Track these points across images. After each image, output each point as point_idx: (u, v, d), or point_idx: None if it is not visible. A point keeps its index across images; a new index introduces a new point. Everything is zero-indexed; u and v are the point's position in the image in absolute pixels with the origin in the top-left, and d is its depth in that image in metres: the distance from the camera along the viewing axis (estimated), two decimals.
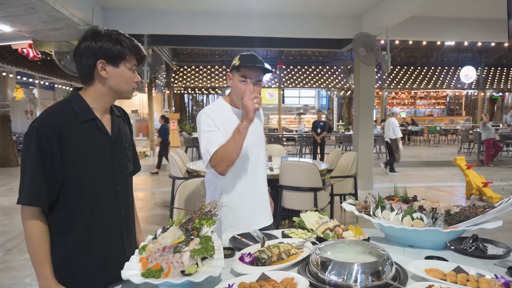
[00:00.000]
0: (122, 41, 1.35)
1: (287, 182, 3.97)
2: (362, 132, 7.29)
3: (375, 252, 1.35)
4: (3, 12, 4.93)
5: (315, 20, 7.13)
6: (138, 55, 1.41)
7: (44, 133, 1.25)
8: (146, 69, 7.46)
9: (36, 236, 1.28)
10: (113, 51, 1.33)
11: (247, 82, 1.82)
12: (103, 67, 1.34)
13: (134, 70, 1.41)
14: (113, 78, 1.36)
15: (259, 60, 1.84)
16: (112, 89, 1.38)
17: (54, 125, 1.27)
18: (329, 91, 21.23)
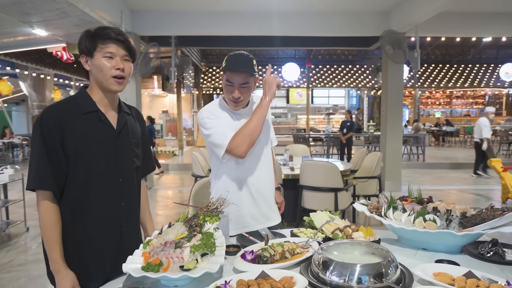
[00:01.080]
0: (93, 31, 1.38)
1: (307, 182, 3.92)
2: (390, 132, 7.08)
3: (379, 254, 1.30)
4: (38, 17, 5.19)
5: (342, 18, 7.01)
6: (113, 40, 1.37)
7: (46, 124, 1.33)
8: (173, 70, 7.61)
9: (48, 219, 1.35)
10: (85, 43, 1.38)
11: (234, 86, 1.76)
12: (85, 61, 1.40)
13: (111, 57, 1.38)
14: (93, 69, 1.40)
15: (242, 63, 1.74)
16: (97, 81, 1.41)
17: (55, 116, 1.35)
18: (359, 91, 20.80)
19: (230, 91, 1.78)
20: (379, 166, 4.71)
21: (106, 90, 1.44)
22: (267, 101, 1.76)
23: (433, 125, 18.32)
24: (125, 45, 1.41)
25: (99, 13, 5.51)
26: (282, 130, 20.36)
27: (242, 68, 1.73)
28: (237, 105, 1.83)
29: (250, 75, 1.76)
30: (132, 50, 1.45)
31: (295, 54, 18.28)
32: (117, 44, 1.39)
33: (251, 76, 1.77)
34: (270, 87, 1.75)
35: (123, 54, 1.41)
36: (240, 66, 1.73)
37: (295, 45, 10.02)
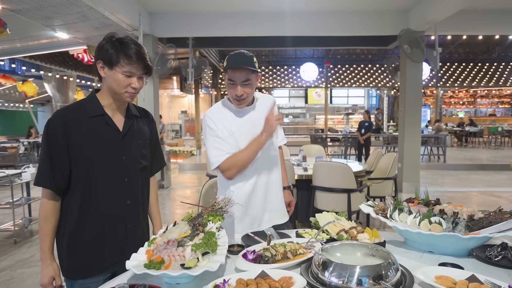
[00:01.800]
0: (119, 47, 1.41)
1: (320, 182, 3.90)
2: (409, 133, 6.95)
3: (379, 255, 1.29)
4: (60, 20, 5.37)
5: (359, 17, 6.93)
6: (135, 64, 1.44)
7: (53, 127, 1.41)
8: (190, 70, 7.70)
9: (43, 213, 1.45)
10: (108, 54, 1.41)
11: (236, 84, 1.79)
12: (102, 67, 1.44)
13: (130, 76, 1.45)
14: (108, 79, 1.45)
15: (242, 60, 1.76)
16: (109, 89, 1.47)
17: (62, 120, 1.42)
18: (378, 90, 20.48)
19: (232, 89, 1.81)
20: (394, 167, 4.63)
21: (117, 99, 1.51)
22: (263, 139, 1.80)
23: (456, 125, 17.84)
24: (144, 65, 1.47)
25: (118, 16, 5.64)
26: (300, 130, 20.28)
27: (242, 65, 1.75)
28: (241, 102, 1.86)
29: (251, 72, 1.78)
30: (150, 69, 1.50)
31: (313, 54, 18.17)
32: (138, 64, 1.44)
33: (252, 73, 1.79)
34: (270, 127, 1.79)
35: (141, 73, 1.47)
36: (240, 63, 1.75)
37: (312, 45, 9.97)
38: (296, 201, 4.28)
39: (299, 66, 17.05)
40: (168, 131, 17.79)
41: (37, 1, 4.50)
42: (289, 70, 18.48)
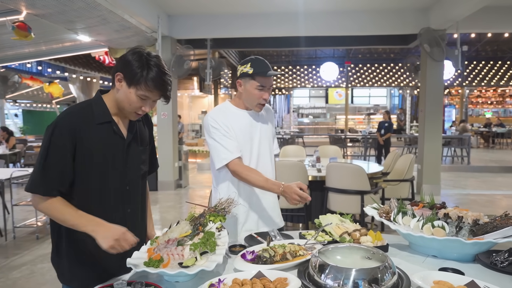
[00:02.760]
0: (148, 70, 1.33)
1: (333, 184, 3.87)
2: (429, 134, 6.79)
3: (376, 258, 1.28)
4: (81, 24, 5.54)
5: (379, 15, 6.83)
6: (156, 92, 1.38)
7: (60, 131, 1.33)
8: (208, 71, 7.79)
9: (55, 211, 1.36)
10: (131, 72, 1.33)
11: (265, 89, 1.88)
12: (120, 79, 1.37)
13: (145, 99, 1.39)
14: (121, 94, 1.39)
15: (270, 67, 1.87)
16: (118, 102, 1.42)
17: (70, 125, 1.34)
18: (401, 90, 20.05)
19: (260, 95, 1.87)
20: (411, 169, 4.54)
21: (122, 112, 1.46)
22: (276, 191, 1.83)
23: (482, 125, 17.24)
24: (163, 94, 1.41)
25: (137, 19, 5.78)
26: (320, 131, 20.14)
27: (273, 72, 1.86)
28: (263, 106, 1.96)
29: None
30: (167, 98, 1.43)
31: (334, 53, 17.98)
32: (157, 92, 1.39)
33: None
34: (289, 198, 1.82)
35: (156, 99, 1.42)
36: (271, 70, 1.86)
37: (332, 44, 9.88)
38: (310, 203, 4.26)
39: (319, 66, 16.90)
40: (188, 131, 18.02)
41: (60, 6, 4.66)
42: (309, 70, 18.36)
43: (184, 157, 7.78)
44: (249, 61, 1.86)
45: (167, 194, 7.01)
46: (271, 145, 2.09)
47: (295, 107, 22.77)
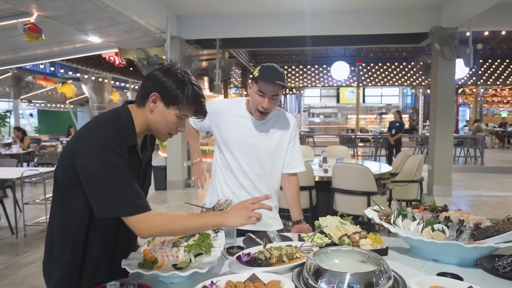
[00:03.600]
0: (186, 89, 1.30)
1: (339, 184, 3.83)
2: (440, 134, 6.67)
3: (372, 262, 1.26)
4: (91, 25, 5.61)
5: (389, 14, 6.74)
6: (196, 109, 1.35)
7: (110, 147, 1.22)
8: (217, 71, 7.81)
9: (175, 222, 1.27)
10: (170, 92, 1.28)
11: (265, 96, 1.79)
12: (155, 100, 1.30)
13: (182, 119, 1.35)
14: (157, 115, 1.31)
15: (277, 75, 1.77)
16: (151, 124, 1.34)
17: (118, 141, 1.25)
18: (414, 89, 19.77)
19: (259, 101, 1.80)
20: (420, 169, 4.47)
21: (151, 133, 1.40)
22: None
23: (497, 125, 16.88)
24: (200, 109, 1.36)
25: (146, 20, 5.82)
26: (331, 130, 20.01)
27: (278, 79, 1.75)
28: (263, 116, 1.86)
29: (281, 88, 1.80)
30: (205, 113, 1.39)
31: (345, 52, 17.85)
32: (195, 107, 1.35)
33: (282, 88, 1.80)
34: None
35: (191, 116, 1.38)
36: (276, 77, 1.76)
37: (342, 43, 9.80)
38: (316, 203, 4.23)
39: (330, 65, 16.80)
40: None
41: (69, 8, 4.73)
42: (320, 69, 18.25)
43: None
44: (261, 65, 1.82)
45: (176, 194, 7.05)
46: (278, 160, 1.99)
47: (306, 106, 22.67)
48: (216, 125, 1.97)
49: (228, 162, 1.98)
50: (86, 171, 1.19)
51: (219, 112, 1.96)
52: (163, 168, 7.33)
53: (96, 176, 1.18)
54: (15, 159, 5.80)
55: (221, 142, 1.98)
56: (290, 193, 2.04)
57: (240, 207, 1.31)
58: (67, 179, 1.25)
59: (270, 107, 1.82)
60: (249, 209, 1.29)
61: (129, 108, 1.34)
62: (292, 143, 2.02)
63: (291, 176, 2.05)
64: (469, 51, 5.77)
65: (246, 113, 1.94)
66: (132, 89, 14.55)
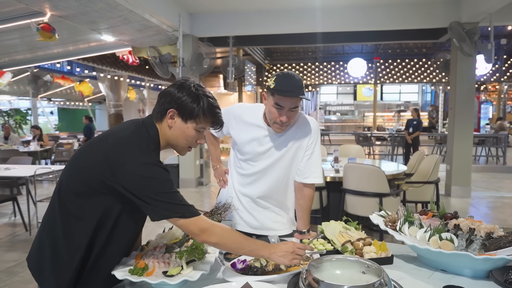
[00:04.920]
0: (201, 102, 1.32)
1: (350, 185, 3.73)
2: (459, 132, 6.44)
3: (372, 273, 1.19)
4: (104, 24, 5.65)
5: (407, 9, 6.53)
6: (213, 120, 1.37)
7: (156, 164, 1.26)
8: (231, 69, 7.77)
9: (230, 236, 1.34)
10: (187, 106, 1.31)
11: (283, 109, 1.65)
12: (172, 116, 1.32)
13: (200, 132, 1.37)
14: (176, 130, 1.34)
15: (295, 86, 1.62)
16: (171, 139, 1.36)
17: None
18: (433, 86, 19.27)
19: (277, 115, 1.67)
20: (436, 170, 4.31)
21: (171, 147, 1.41)
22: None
23: None
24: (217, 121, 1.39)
25: (158, 18, 5.82)
26: (348, 128, 19.72)
27: (296, 92, 1.62)
28: (283, 128, 1.74)
29: (300, 99, 1.66)
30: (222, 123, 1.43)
31: (362, 49, 17.51)
32: (211, 119, 1.36)
33: (301, 99, 1.66)
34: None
35: (208, 128, 1.40)
36: (294, 90, 1.62)
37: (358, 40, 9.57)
38: (327, 204, 4.14)
39: (347, 62, 16.52)
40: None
41: (82, 7, 4.76)
42: (336, 66, 17.97)
43: (206, 155, 7.81)
44: (277, 74, 1.67)
45: (188, 192, 7.06)
46: (294, 169, 1.87)
47: (322, 104, 22.41)
48: (233, 129, 1.89)
49: (242, 167, 1.91)
50: (135, 178, 1.20)
51: (236, 117, 1.87)
52: (176, 166, 7.35)
53: (149, 182, 1.21)
54: (30, 157, 5.90)
55: (236, 147, 1.91)
56: (300, 205, 1.90)
57: (288, 250, 1.37)
58: (84, 186, 1.24)
59: (289, 121, 1.69)
60: (295, 253, 1.37)
61: (155, 124, 1.35)
62: (310, 151, 1.85)
63: (305, 188, 1.87)
64: (490, 47, 5.54)
65: (262, 122, 1.81)
66: (148, 87, 14.69)
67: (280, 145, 1.82)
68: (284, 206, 1.95)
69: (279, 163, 1.84)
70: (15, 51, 7.29)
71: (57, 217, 1.28)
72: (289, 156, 1.84)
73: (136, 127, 1.33)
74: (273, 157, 1.83)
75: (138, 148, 1.24)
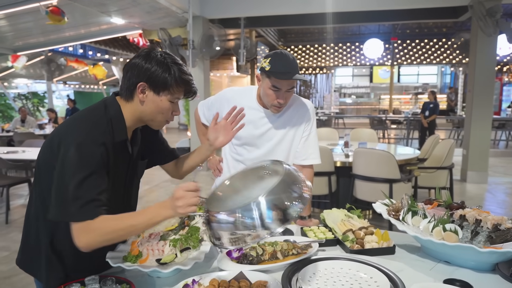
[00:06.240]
0: (172, 70, 1.22)
1: (360, 171, 3.65)
2: (477, 116, 6.23)
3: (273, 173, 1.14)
4: (113, 6, 5.61)
5: None
6: (186, 89, 1.28)
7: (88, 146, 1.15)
8: (242, 51, 7.66)
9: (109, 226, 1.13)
10: (158, 78, 1.21)
11: (280, 91, 1.64)
12: (143, 90, 1.22)
13: (176, 102, 1.29)
14: (149, 104, 1.24)
15: (292, 67, 1.60)
16: (145, 115, 1.27)
17: (99, 140, 1.17)
18: (453, 67, 18.65)
19: (274, 97, 1.65)
20: (451, 155, 4.18)
21: (145, 123, 1.33)
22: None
23: None
24: (190, 90, 1.30)
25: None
26: (363, 111, 19.38)
27: (293, 73, 1.59)
28: (280, 109, 1.73)
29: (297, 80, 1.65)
30: (195, 92, 1.33)
31: (379, 29, 16.98)
32: (185, 88, 1.27)
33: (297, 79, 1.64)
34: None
35: (182, 97, 1.31)
36: (291, 72, 1.59)
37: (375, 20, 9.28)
38: (337, 189, 4.09)
39: (363, 43, 16.08)
40: None
41: None
42: (352, 47, 17.55)
43: None
44: (271, 55, 1.64)
45: (200, 176, 7.10)
46: (293, 152, 1.85)
47: (337, 86, 22.02)
48: None
49: (238, 152, 1.88)
50: (58, 166, 1.12)
51: (229, 101, 1.81)
52: (187, 150, 7.38)
53: (58, 176, 1.12)
54: None
55: None
56: None
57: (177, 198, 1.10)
58: (47, 165, 1.20)
59: (286, 101, 1.69)
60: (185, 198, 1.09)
61: (117, 101, 1.26)
62: (308, 132, 1.85)
63: (304, 169, 1.86)
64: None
65: (256, 104, 1.79)
66: None
67: (277, 127, 1.80)
68: None
69: (278, 147, 1.81)
70: (28, 35, 7.34)
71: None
72: (287, 134, 1.81)
73: (97, 108, 1.25)
74: (271, 141, 1.80)
75: (73, 138, 1.13)
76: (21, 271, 1.36)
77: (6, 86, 13.59)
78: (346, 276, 1.23)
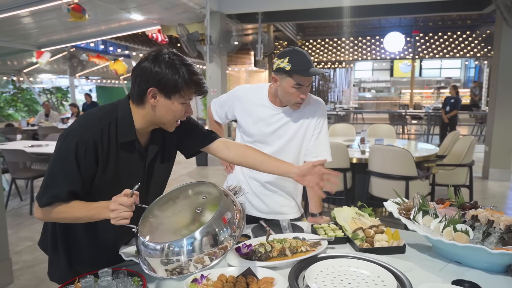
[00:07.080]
0: (181, 72, 1.21)
1: (376, 168, 3.62)
2: (500, 111, 6.03)
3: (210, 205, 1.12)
4: (133, 3, 5.70)
5: None
6: (197, 89, 1.27)
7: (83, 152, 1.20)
8: (259, 46, 7.66)
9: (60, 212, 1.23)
10: (168, 81, 1.20)
11: (303, 87, 1.67)
12: (154, 95, 1.22)
13: (186, 103, 1.28)
14: (161, 109, 1.25)
15: (311, 62, 1.64)
16: (157, 118, 1.28)
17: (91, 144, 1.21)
18: (477, 61, 18.07)
19: (297, 94, 1.68)
20: (471, 152, 4.08)
21: (157, 126, 1.33)
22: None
23: None
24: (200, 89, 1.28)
25: None
26: (383, 106, 19.04)
27: (317, 70, 1.65)
28: (300, 105, 1.76)
29: None
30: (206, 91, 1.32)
31: (400, 22, 16.59)
32: (196, 89, 1.27)
33: None
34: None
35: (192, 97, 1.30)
36: (313, 67, 1.64)
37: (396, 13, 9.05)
38: (353, 186, 4.06)
39: (383, 36, 15.76)
40: None
41: None
42: (372, 41, 17.23)
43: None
44: (287, 54, 1.65)
45: (216, 170, 7.17)
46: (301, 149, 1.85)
47: (357, 81, 21.70)
48: (238, 112, 1.87)
49: None
50: None
51: (241, 99, 1.85)
52: None
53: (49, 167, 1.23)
54: None
55: (243, 130, 1.89)
56: None
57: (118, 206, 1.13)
58: None
59: (307, 95, 1.73)
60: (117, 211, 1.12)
61: (129, 104, 1.28)
62: (319, 129, 1.85)
63: None
64: None
65: (267, 102, 1.80)
66: None
67: (288, 125, 1.80)
68: (293, 190, 1.93)
69: (289, 145, 1.82)
70: (52, 32, 7.54)
71: None
72: (299, 137, 1.82)
73: (107, 105, 1.32)
74: (282, 139, 1.81)
75: (76, 122, 1.25)
76: (44, 260, 1.46)
77: (32, 81, 14.01)
78: (354, 275, 1.23)
